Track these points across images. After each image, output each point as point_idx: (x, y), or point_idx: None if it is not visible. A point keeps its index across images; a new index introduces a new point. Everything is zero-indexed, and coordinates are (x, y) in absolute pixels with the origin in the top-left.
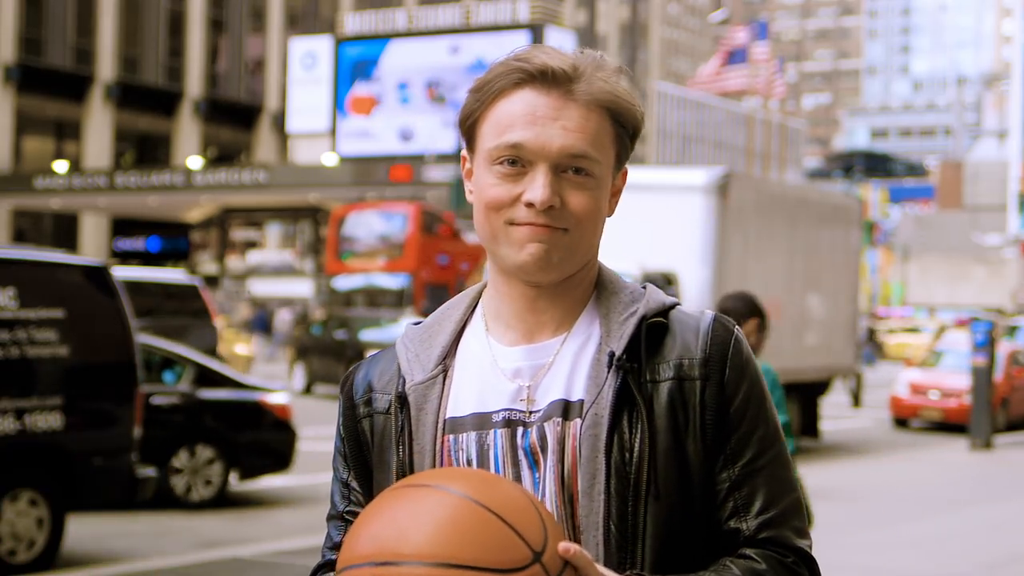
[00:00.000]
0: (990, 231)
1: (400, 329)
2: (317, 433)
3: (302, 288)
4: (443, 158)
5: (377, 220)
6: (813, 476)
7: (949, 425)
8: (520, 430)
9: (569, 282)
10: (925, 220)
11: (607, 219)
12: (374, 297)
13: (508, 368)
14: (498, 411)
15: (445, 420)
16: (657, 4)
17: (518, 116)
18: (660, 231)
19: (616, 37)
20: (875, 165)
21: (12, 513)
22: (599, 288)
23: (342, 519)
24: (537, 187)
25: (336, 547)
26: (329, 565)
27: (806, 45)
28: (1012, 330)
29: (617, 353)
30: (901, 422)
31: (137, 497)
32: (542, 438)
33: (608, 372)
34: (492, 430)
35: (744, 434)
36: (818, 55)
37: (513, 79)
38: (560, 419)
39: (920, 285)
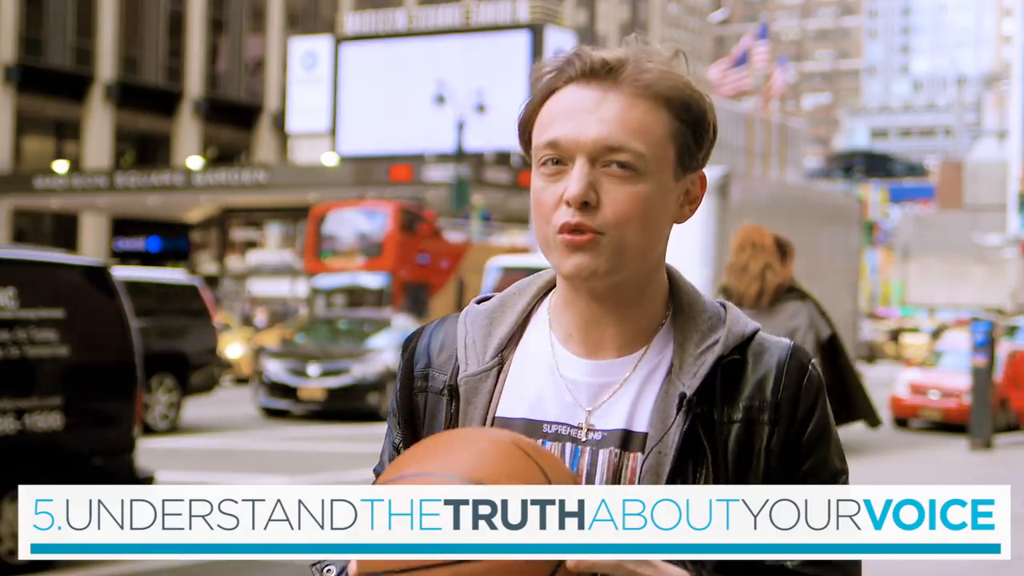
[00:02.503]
0: (990, 231)
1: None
2: (314, 435)
3: (303, 288)
4: (443, 158)
5: (356, 218)
6: None
7: (949, 425)
8: (570, 446)
9: (630, 294)
10: (925, 220)
11: (678, 224)
12: (355, 296)
13: (569, 378)
14: (550, 422)
15: (495, 417)
16: (657, 4)
17: (558, 113)
18: None
19: (616, 37)
20: (875, 165)
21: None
22: (675, 309)
23: None
24: (571, 181)
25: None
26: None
27: (806, 45)
28: (1012, 330)
29: (689, 394)
30: (901, 422)
31: None
32: (593, 463)
33: (677, 413)
34: (541, 440)
35: (803, 475)
36: (818, 55)
37: (557, 78)
38: (618, 449)
39: (920, 285)
